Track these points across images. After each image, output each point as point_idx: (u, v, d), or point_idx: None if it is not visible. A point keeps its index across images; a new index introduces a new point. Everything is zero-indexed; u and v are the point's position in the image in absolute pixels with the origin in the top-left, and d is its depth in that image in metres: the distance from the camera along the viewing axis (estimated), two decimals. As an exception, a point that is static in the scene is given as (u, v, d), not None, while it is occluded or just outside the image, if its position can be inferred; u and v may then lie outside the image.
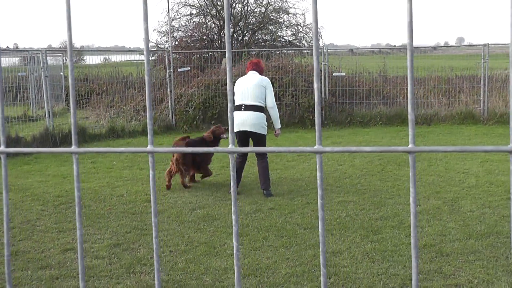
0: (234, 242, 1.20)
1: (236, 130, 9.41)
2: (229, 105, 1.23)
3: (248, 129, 9.31)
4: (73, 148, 1.17)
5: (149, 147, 1.25)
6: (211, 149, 1.34)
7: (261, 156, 9.53)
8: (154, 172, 1.25)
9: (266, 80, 9.55)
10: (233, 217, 1.19)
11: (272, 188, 9.61)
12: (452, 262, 6.22)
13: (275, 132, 9.84)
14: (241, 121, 9.32)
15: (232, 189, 1.28)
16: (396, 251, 6.59)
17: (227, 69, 1.27)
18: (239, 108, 9.37)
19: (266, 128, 9.50)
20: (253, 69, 9.76)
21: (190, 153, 9.05)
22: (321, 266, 1.08)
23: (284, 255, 6.57)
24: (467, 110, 17.44)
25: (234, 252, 1.15)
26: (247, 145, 9.53)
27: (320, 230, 1.12)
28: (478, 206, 8.35)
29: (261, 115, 9.39)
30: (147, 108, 1.21)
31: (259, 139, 9.43)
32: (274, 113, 9.58)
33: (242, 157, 9.64)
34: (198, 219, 8.05)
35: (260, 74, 9.73)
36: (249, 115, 9.29)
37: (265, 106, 9.50)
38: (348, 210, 8.29)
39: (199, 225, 7.77)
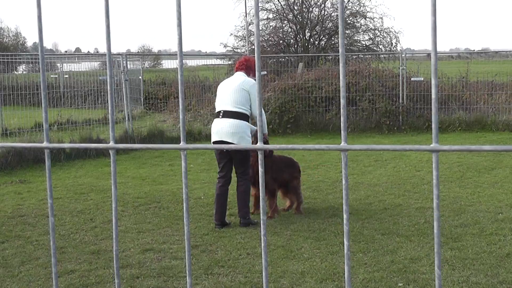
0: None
1: (212, 140, 8.00)
2: (181, 109, 1.22)
3: (225, 139, 7.75)
4: (182, 144, 1.19)
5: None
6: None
7: (242, 176, 8.03)
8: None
9: (249, 83, 7.90)
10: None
11: (349, 193, 9.52)
12: (537, 272, 6.03)
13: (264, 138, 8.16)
14: (217, 129, 7.85)
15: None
16: (477, 259, 6.44)
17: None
18: (217, 115, 7.95)
19: (251, 140, 7.90)
20: (240, 69, 8.17)
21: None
22: (435, 267, 1.06)
23: (361, 260, 6.51)
24: (552, 116, 16.89)
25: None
26: (228, 163, 8.03)
27: (435, 231, 1.10)
28: None
29: (243, 123, 7.79)
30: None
31: (240, 155, 7.91)
32: (262, 120, 7.89)
33: (223, 180, 8.05)
34: (275, 222, 8.06)
35: (249, 74, 8.11)
36: (226, 122, 7.77)
37: (250, 115, 7.92)
38: (427, 217, 8.14)
39: (276, 229, 7.77)
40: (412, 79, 17.86)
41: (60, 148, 1.22)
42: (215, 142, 7.89)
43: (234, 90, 7.86)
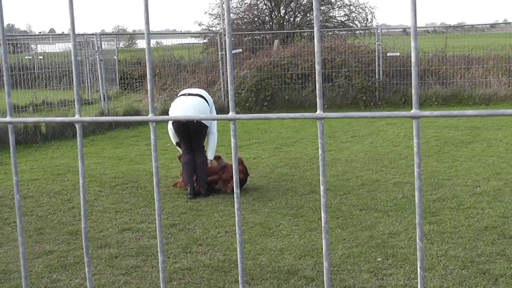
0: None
1: (176, 114, 8.25)
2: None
3: (188, 114, 8.09)
4: (150, 116, 1.14)
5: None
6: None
7: (200, 149, 8.44)
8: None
9: (211, 101, 8.61)
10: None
11: (326, 169, 9.52)
12: (514, 244, 6.08)
13: (208, 161, 8.56)
14: (183, 106, 8.24)
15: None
16: (455, 232, 6.47)
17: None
18: (182, 95, 8.52)
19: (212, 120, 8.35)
20: None
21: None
22: (417, 239, 1.03)
23: (340, 236, 6.52)
24: (528, 89, 16.99)
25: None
26: (187, 135, 8.34)
27: (416, 201, 1.07)
28: (539, 187, 8.13)
29: (207, 105, 8.32)
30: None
31: (201, 130, 8.32)
32: (213, 140, 8.48)
33: (189, 150, 8.46)
34: (253, 200, 8.04)
35: None
36: (192, 99, 8.29)
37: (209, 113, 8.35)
38: (405, 191, 8.17)
39: (253, 206, 7.76)
40: (388, 54, 17.87)
41: (24, 122, 1.17)
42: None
43: (202, 93, 8.52)
